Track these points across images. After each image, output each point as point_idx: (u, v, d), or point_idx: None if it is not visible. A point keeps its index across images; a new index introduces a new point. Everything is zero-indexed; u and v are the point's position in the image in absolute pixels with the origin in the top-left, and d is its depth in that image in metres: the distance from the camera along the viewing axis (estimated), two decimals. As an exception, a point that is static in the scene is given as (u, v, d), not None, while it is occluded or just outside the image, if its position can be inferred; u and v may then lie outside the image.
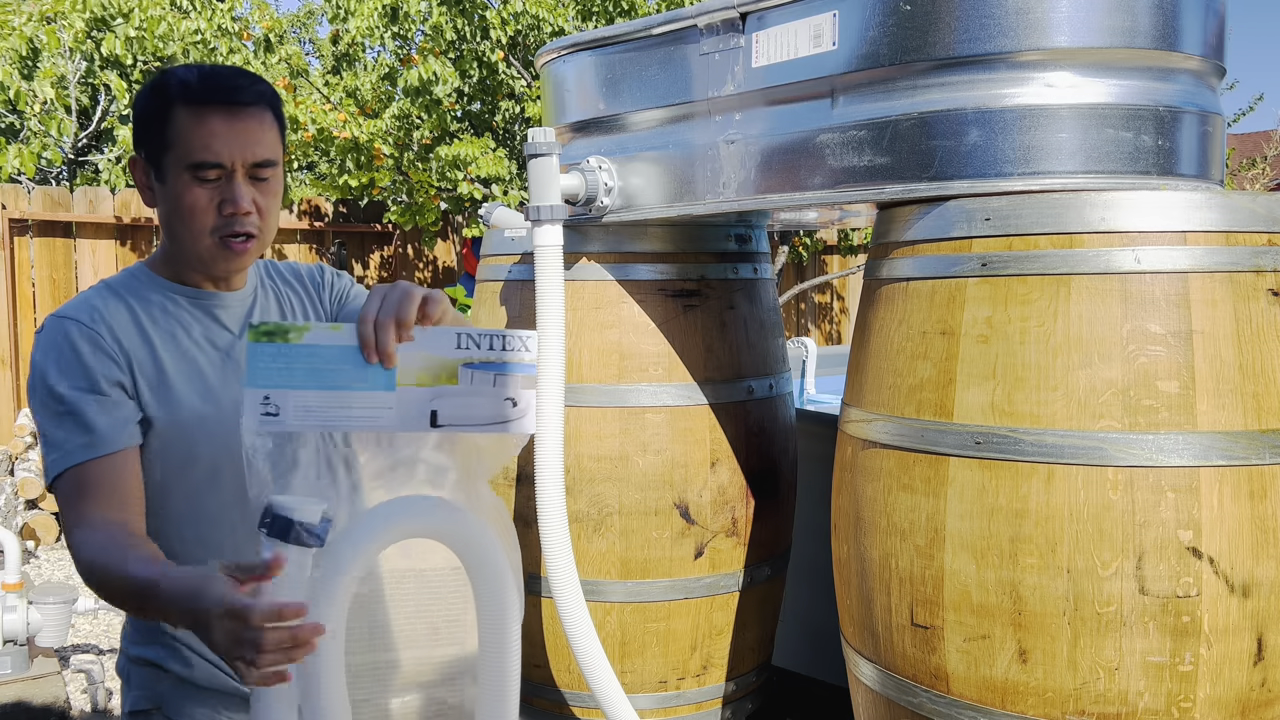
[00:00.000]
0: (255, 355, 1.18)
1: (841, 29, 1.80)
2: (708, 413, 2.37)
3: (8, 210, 6.18)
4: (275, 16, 8.58)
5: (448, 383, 1.26)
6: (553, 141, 2.13)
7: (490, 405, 1.27)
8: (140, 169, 1.43)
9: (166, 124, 1.38)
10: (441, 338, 1.25)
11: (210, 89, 1.38)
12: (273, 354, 1.18)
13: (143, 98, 1.42)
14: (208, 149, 1.36)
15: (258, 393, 1.18)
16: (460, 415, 1.26)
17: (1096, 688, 1.56)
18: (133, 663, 1.50)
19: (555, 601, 2.09)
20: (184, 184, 1.37)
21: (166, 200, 1.40)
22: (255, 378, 1.18)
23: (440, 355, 1.25)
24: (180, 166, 1.37)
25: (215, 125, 1.37)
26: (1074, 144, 1.69)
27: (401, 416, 1.24)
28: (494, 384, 1.27)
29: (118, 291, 1.44)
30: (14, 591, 3.32)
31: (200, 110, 1.37)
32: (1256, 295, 1.58)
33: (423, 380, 1.24)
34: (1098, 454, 1.55)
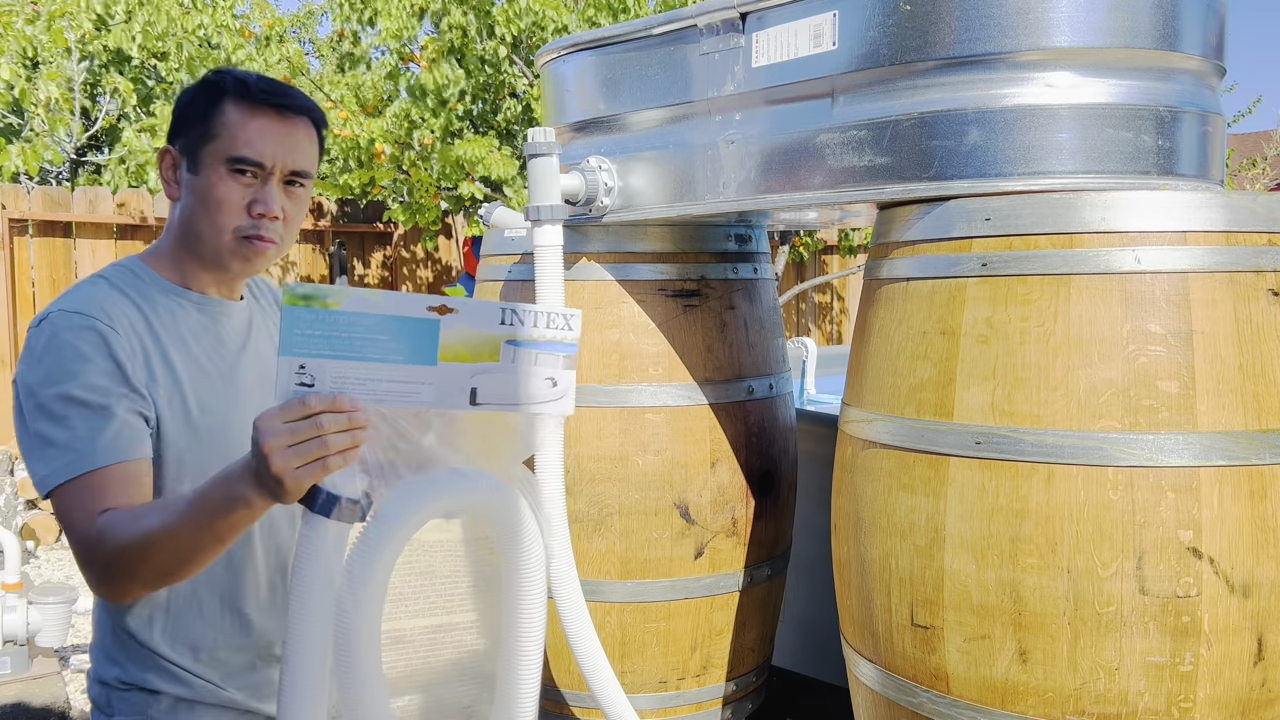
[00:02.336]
0: (292, 321, 1.10)
1: (841, 29, 1.80)
2: (708, 413, 2.37)
3: (7, 210, 6.18)
4: (276, 15, 8.58)
5: (489, 359, 1.20)
6: (553, 141, 2.13)
7: (530, 384, 1.23)
8: (170, 159, 1.42)
9: (214, 117, 1.38)
10: (486, 312, 1.20)
11: (266, 90, 1.39)
12: (310, 320, 1.10)
13: (192, 90, 1.42)
14: (251, 146, 1.37)
15: (293, 361, 1.10)
16: (500, 393, 1.21)
17: (1097, 688, 1.56)
18: (114, 688, 1.42)
19: (555, 601, 2.09)
20: (219, 176, 1.37)
21: (195, 192, 1.38)
22: (291, 345, 1.10)
23: (484, 330, 1.19)
24: (220, 159, 1.37)
25: (263, 125, 1.38)
26: (1074, 144, 1.69)
27: (440, 392, 1.18)
28: (535, 362, 1.22)
29: (121, 289, 1.39)
30: (14, 591, 3.32)
31: (253, 108, 1.38)
32: (1257, 295, 1.58)
33: (463, 355, 1.18)
34: (1098, 454, 1.55)
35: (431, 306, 1.16)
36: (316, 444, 1.06)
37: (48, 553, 5.37)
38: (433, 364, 1.16)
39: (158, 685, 1.41)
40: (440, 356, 1.17)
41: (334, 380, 1.12)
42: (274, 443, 1.06)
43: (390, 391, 1.15)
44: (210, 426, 1.38)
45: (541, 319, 1.23)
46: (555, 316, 1.23)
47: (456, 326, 1.17)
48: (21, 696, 3.25)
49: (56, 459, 1.26)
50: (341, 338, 1.12)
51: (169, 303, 1.42)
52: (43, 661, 3.39)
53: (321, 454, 1.06)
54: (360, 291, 1.12)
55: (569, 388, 1.26)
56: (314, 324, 1.10)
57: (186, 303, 1.43)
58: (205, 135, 1.37)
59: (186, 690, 1.42)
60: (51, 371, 1.29)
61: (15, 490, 5.33)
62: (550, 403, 1.25)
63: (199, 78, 1.50)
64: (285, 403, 1.08)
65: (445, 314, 1.16)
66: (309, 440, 1.06)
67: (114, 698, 1.42)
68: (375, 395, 1.14)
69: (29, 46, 6.65)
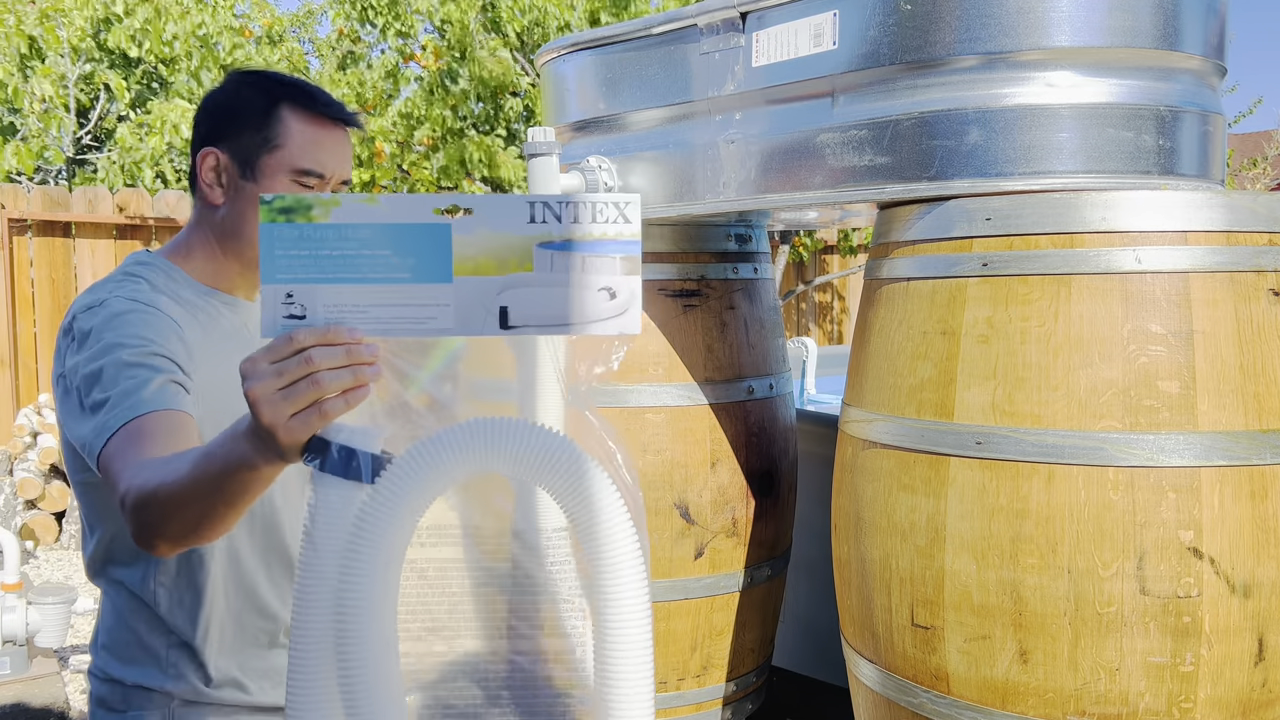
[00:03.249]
0: (272, 240, 0.91)
1: (842, 28, 1.80)
2: (708, 413, 2.37)
3: (7, 210, 6.18)
4: (276, 14, 8.59)
5: (520, 269, 0.94)
6: (553, 141, 2.13)
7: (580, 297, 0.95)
8: (216, 162, 1.39)
9: (274, 125, 1.37)
10: (511, 208, 0.93)
11: (325, 102, 1.41)
12: (294, 238, 0.91)
13: (236, 93, 1.41)
14: (315, 159, 1.38)
15: (278, 289, 0.92)
16: (539, 313, 0.95)
17: (1097, 688, 1.56)
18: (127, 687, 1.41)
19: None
20: (283, 186, 1.37)
21: (250, 198, 1.37)
22: (273, 270, 0.91)
23: (510, 232, 0.93)
24: (284, 169, 1.37)
25: (323, 137, 1.39)
26: (1075, 144, 1.69)
27: (461, 315, 0.94)
28: (583, 268, 0.95)
29: (161, 290, 1.38)
30: (13, 592, 3.32)
31: (314, 119, 1.39)
32: (1257, 295, 1.58)
33: (487, 267, 0.94)
34: (1098, 454, 1.55)
35: (440, 208, 0.93)
36: (308, 384, 0.89)
37: (47, 553, 5.36)
38: (448, 280, 0.93)
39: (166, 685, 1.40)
40: (457, 270, 0.94)
41: (327, 308, 0.92)
42: (261, 388, 0.89)
43: (398, 318, 0.93)
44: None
45: (586, 211, 0.94)
46: (604, 206, 0.94)
47: (476, 231, 0.93)
48: (21, 697, 3.25)
49: (106, 413, 1.20)
50: (333, 256, 0.92)
51: (203, 303, 1.41)
52: (42, 662, 3.39)
53: (316, 395, 0.89)
54: (352, 197, 0.93)
55: (632, 299, 0.96)
56: (299, 242, 0.91)
57: (219, 304, 1.43)
58: (267, 143, 1.37)
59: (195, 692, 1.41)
60: (108, 344, 1.24)
61: (15, 490, 5.33)
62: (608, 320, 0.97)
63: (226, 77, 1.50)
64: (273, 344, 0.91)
65: (459, 216, 0.94)
66: (299, 381, 0.89)
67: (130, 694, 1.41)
68: (380, 324, 0.93)
69: (24, 44, 6.65)
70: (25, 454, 5.67)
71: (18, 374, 6.22)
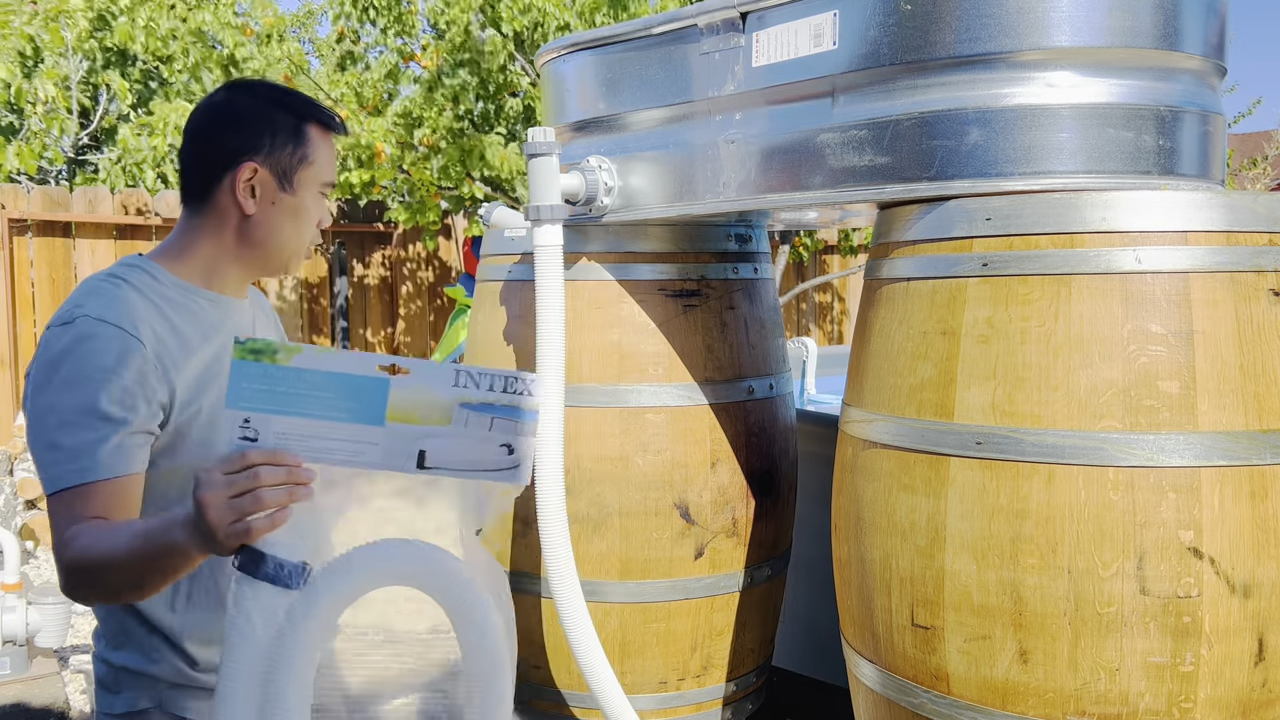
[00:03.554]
0: (239, 374, 1.11)
1: (842, 29, 1.80)
2: (708, 413, 2.37)
3: (7, 210, 6.18)
4: (279, 13, 8.58)
5: (440, 423, 1.17)
6: (553, 141, 2.13)
7: (484, 450, 1.19)
8: (252, 175, 1.47)
9: (306, 142, 1.50)
10: (439, 374, 1.17)
11: (335, 118, 1.55)
12: (259, 374, 1.11)
13: (262, 107, 1.50)
14: (333, 172, 1.55)
15: (238, 414, 1.11)
16: (449, 459, 1.18)
17: (1097, 688, 1.56)
18: (118, 669, 1.48)
19: (555, 602, 2.09)
20: (315, 198, 1.52)
21: (288, 209, 1.50)
22: (237, 398, 1.11)
23: (435, 393, 1.17)
24: (316, 183, 1.52)
25: (332, 151, 1.55)
26: (1075, 144, 1.69)
27: (387, 453, 1.16)
28: (490, 428, 1.19)
29: (141, 292, 1.44)
30: (13, 592, 3.32)
31: (328, 136, 1.54)
32: (1257, 295, 1.58)
33: (413, 417, 1.16)
34: (1098, 454, 1.55)
35: (383, 366, 1.15)
36: (251, 498, 1.06)
37: (47, 553, 5.37)
38: (380, 424, 1.14)
39: (152, 670, 1.47)
40: (389, 417, 1.15)
41: (277, 436, 1.11)
42: (212, 495, 1.07)
43: (334, 450, 1.14)
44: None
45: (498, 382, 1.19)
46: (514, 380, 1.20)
47: (408, 387, 1.15)
48: (21, 697, 3.25)
49: (60, 464, 1.31)
50: (287, 393, 1.11)
51: (185, 301, 1.48)
52: (42, 662, 3.39)
53: (256, 509, 1.06)
54: (311, 348, 1.12)
55: (525, 457, 1.21)
56: (261, 378, 1.11)
57: (202, 300, 1.51)
58: (303, 159, 1.50)
59: (182, 676, 1.47)
60: (70, 377, 1.33)
61: (15, 490, 5.33)
62: (503, 471, 1.21)
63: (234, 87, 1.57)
64: (228, 455, 1.09)
65: (397, 374, 1.15)
66: (245, 494, 1.06)
67: (122, 677, 1.48)
68: (319, 453, 1.13)
69: (28, 45, 6.65)
70: (25, 454, 5.67)
71: (18, 374, 6.22)
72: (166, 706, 1.47)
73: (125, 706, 1.48)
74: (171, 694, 1.47)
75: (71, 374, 1.33)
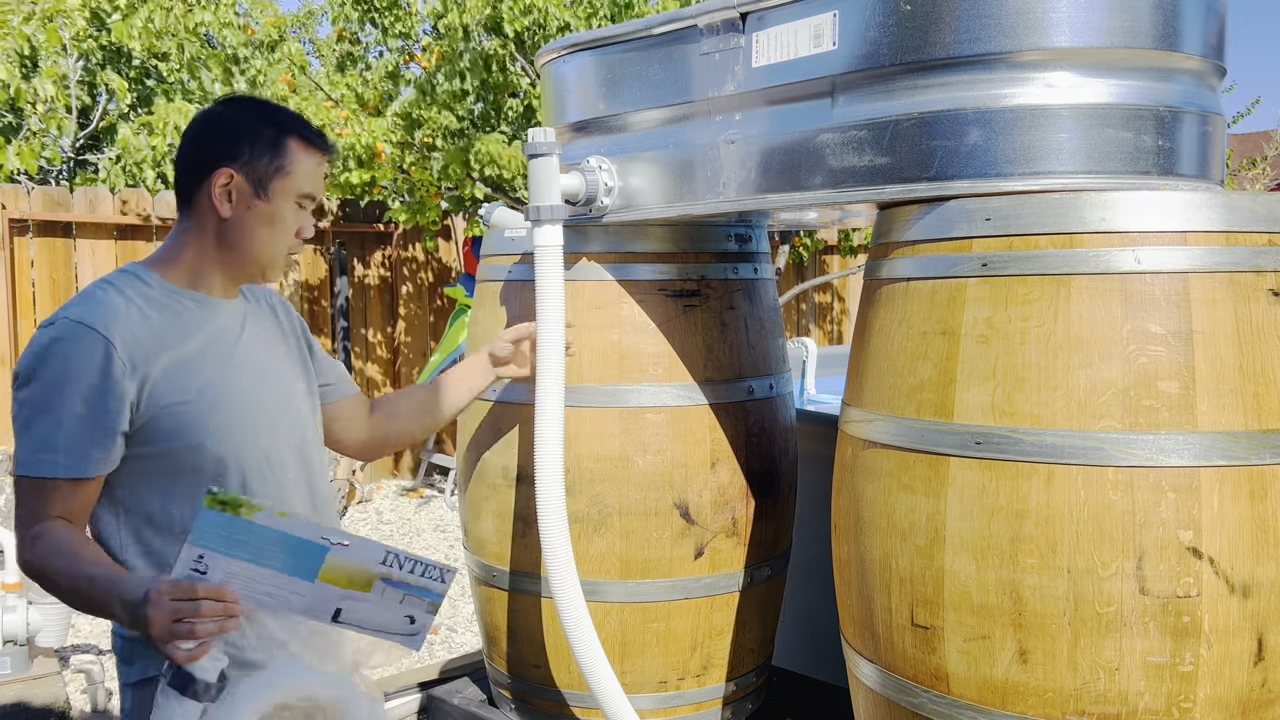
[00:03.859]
0: (206, 518, 1.30)
1: (842, 29, 1.80)
2: (708, 413, 2.37)
3: (8, 210, 6.18)
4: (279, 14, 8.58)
5: (361, 589, 1.41)
6: (553, 141, 2.13)
7: (389, 617, 1.44)
8: (228, 182, 1.59)
9: (285, 154, 1.61)
10: (372, 551, 1.40)
11: (320, 135, 1.66)
12: (223, 522, 1.30)
13: (245, 120, 1.62)
14: (315, 185, 1.64)
15: (195, 550, 1.31)
16: (359, 618, 1.42)
17: (1097, 688, 1.56)
18: (130, 640, 1.58)
19: (555, 601, 2.09)
20: (288, 207, 1.62)
21: (261, 215, 1.61)
22: (199, 537, 1.30)
23: (364, 565, 1.40)
24: (291, 193, 1.62)
25: (317, 166, 1.65)
26: (1074, 144, 1.69)
27: (309, 604, 1.39)
28: (401, 601, 1.43)
29: (126, 295, 1.56)
30: (14, 591, 3.32)
31: (313, 151, 1.64)
32: (1257, 295, 1.58)
33: (340, 581, 1.39)
34: (1098, 454, 1.55)
35: (326, 537, 1.37)
36: (187, 628, 1.28)
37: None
38: (311, 580, 1.37)
39: None
40: (320, 577, 1.37)
41: (223, 573, 1.32)
42: (158, 615, 1.28)
43: (268, 594, 1.36)
44: (213, 399, 1.57)
45: (419, 568, 1.43)
46: (431, 569, 1.43)
47: (342, 556, 1.38)
48: (21, 696, 3.25)
49: (27, 451, 1.49)
50: (242, 541, 1.32)
51: (170, 302, 1.60)
52: (43, 661, 3.39)
53: (189, 637, 1.28)
54: (270, 512, 1.33)
55: (424, 628, 1.46)
56: (225, 525, 1.30)
57: (188, 301, 1.62)
58: (279, 169, 1.60)
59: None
60: (44, 372, 1.49)
61: (15, 490, 5.32)
62: (402, 636, 1.46)
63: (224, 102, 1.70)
64: (179, 581, 1.29)
65: (337, 546, 1.37)
66: (183, 621, 1.28)
67: (136, 647, 1.57)
68: (254, 596, 1.35)
69: (25, 44, 6.64)
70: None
71: (18, 374, 6.22)
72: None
73: (139, 675, 1.57)
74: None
75: (47, 372, 1.48)
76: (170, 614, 1.28)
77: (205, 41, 6.96)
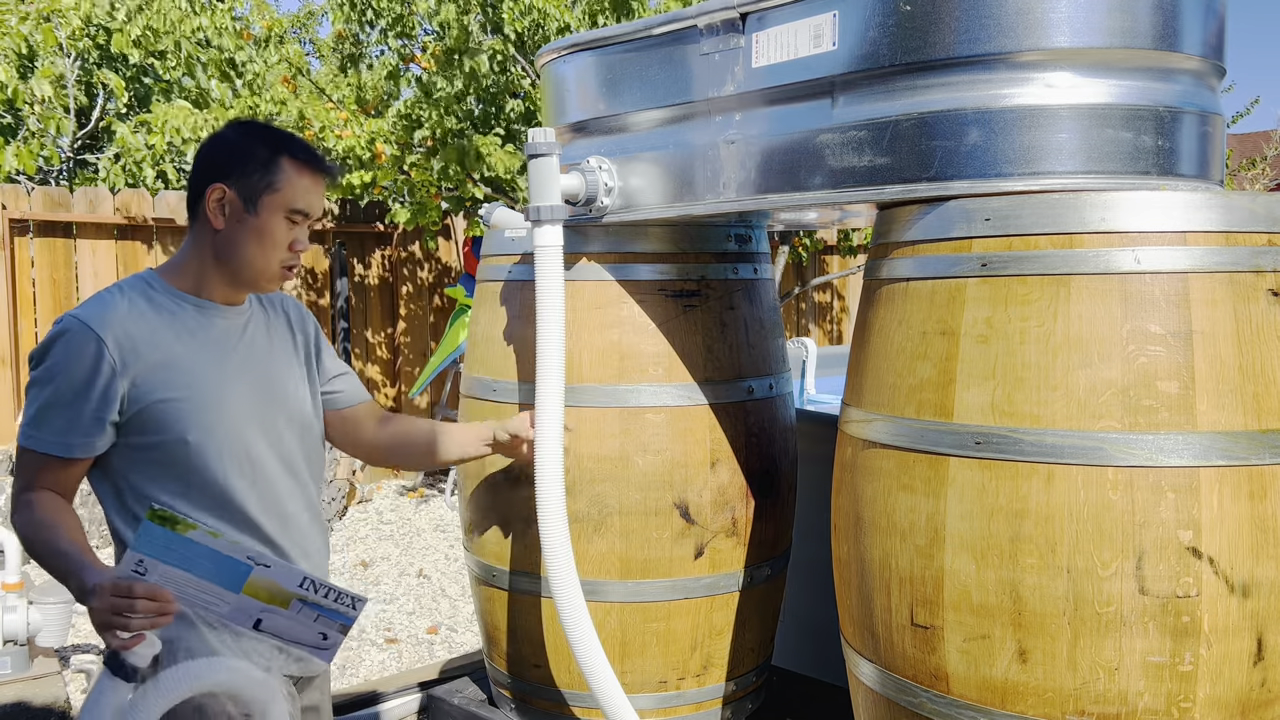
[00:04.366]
0: (147, 529, 1.49)
1: (841, 29, 1.80)
2: (708, 413, 2.37)
3: (8, 210, 6.18)
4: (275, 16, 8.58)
5: (280, 605, 1.62)
6: (553, 142, 2.13)
7: (304, 632, 1.65)
8: (221, 197, 1.71)
9: (276, 172, 1.71)
10: (292, 575, 1.61)
11: (314, 156, 1.76)
12: (162, 535, 1.50)
13: (243, 141, 1.74)
14: (306, 202, 1.74)
15: (136, 555, 1.49)
16: (277, 629, 1.64)
17: (1096, 688, 1.57)
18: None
19: (555, 601, 2.09)
20: (277, 221, 1.72)
21: (252, 229, 1.71)
22: (140, 544, 1.49)
23: (284, 586, 1.61)
24: (281, 208, 1.72)
25: (311, 184, 1.74)
26: (1074, 144, 1.69)
27: (233, 612, 1.60)
28: (315, 620, 1.65)
29: (131, 298, 1.71)
30: (14, 591, 3.32)
31: (306, 170, 1.74)
32: (1256, 295, 1.58)
33: (261, 595, 1.60)
34: (1098, 454, 1.55)
35: (251, 557, 1.58)
36: (122, 621, 1.45)
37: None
38: (236, 592, 1.58)
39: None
40: (244, 590, 1.58)
41: (160, 576, 1.51)
42: (99, 605, 1.46)
43: (196, 598, 1.56)
44: (201, 399, 1.70)
45: (331, 595, 1.64)
46: (344, 597, 1.65)
47: (265, 577, 1.59)
48: (22, 696, 3.25)
49: (28, 424, 1.67)
50: (177, 552, 1.51)
51: (173, 305, 1.74)
52: (43, 661, 3.39)
53: (124, 628, 1.45)
54: (202, 530, 1.53)
55: (335, 645, 1.68)
56: (164, 537, 1.50)
57: (189, 305, 1.75)
58: (269, 186, 1.71)
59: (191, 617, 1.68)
60: (47, 361, 1.67)
61: (15, 490, 5.32)
62: (314, 649, 1.68)
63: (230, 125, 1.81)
64: (120, 579, 1.47)
65: (259, 566, 1.58)
66: (119, 615, 1.45)
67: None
68: (186, 598, 1.54)
69: (22, 44, 6.64)
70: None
71: (19, 374, 6.22)
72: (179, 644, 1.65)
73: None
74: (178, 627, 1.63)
75: (49, 360, 1.66)
76: (109, 607, 1.44)
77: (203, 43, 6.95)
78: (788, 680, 2.86)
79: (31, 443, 1.67)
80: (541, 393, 2.10)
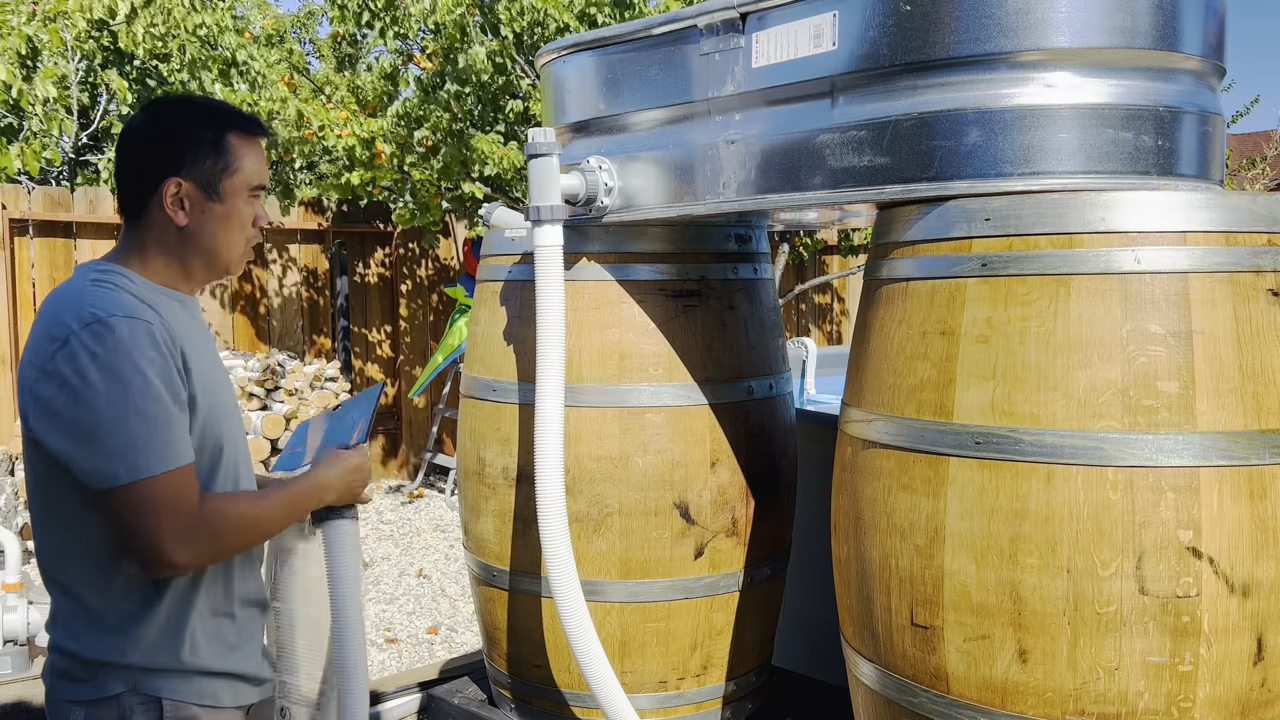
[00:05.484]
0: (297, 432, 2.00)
1: (841, 29, 1.80)
2: (708, 413, 2.37)
3: (8, 210, 6.18)
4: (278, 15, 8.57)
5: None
6: (553, 142, 2.13)
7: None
8: (178, 191, 1.56)
9: (227, 152, 1.59)
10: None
11: (253, 121, 1.64)
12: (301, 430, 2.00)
13: (187, 126, 1.59)
14: (262, 175, 1.63)
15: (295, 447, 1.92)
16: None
17: (1096, 688, 1.57)
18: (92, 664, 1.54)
19: (555, 601, 2.09)
20: (242, 202, 1.61)
21: (220, 217, 1.60)
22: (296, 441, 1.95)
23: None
24: (244, 189, 1.61)
25: (260, 154, 1.64)
26: (1074, 144, 1.69)
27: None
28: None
29: (122, 289, 1.54)
30: (14, 591, 3.32)
31: (253, 140, 1.62)
32: (1256, 295, 1.58)
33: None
34: (1098, 454, 1.55)
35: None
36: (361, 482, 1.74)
37: (48, 553, 5.36)
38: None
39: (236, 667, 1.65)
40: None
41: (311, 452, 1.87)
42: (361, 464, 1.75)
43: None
44: (213, 403, 1.57)
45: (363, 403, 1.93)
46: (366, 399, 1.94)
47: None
48: (22, 696, 3.25)
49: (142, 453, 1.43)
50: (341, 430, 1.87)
51: (160, 301, 1.57)
52: (43, 662, 3.39)
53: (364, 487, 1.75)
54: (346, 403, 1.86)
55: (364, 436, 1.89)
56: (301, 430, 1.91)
57: (173, 301, 1.60)
58: (225, 169, 1.59)
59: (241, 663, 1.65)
60: (122, 373, 1.44)
61: (15, 490, 5.33)
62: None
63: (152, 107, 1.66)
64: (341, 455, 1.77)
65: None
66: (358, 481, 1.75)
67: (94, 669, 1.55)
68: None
69: (25, 45, 6.64)
70: (26, 454, 5.65)
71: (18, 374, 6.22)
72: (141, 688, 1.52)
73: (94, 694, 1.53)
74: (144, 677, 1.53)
75: (123, 370, 1.44)
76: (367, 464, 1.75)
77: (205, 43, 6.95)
78: (788, 680, 2.86)
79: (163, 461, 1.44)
80: (541, 393, 2.10)
